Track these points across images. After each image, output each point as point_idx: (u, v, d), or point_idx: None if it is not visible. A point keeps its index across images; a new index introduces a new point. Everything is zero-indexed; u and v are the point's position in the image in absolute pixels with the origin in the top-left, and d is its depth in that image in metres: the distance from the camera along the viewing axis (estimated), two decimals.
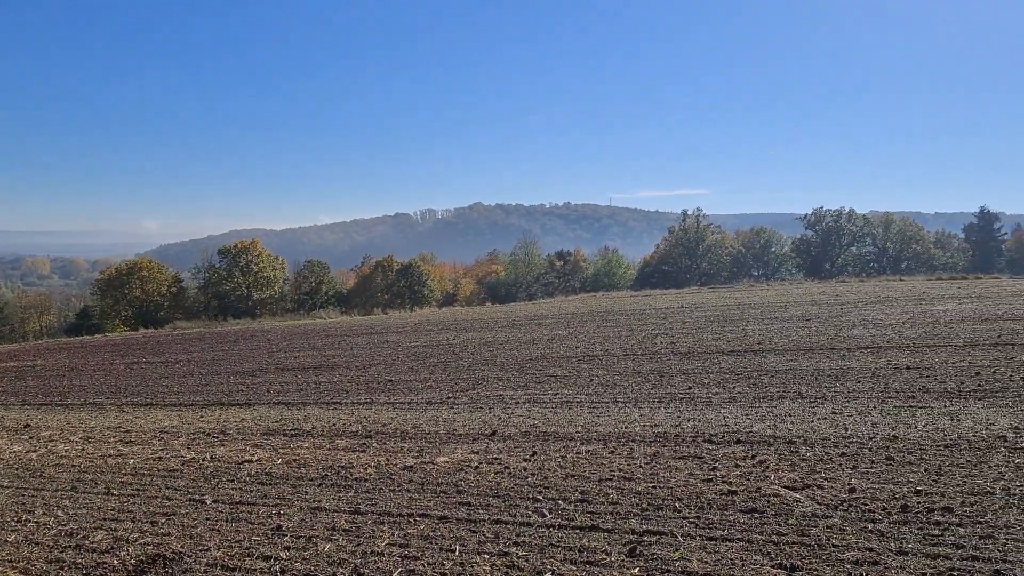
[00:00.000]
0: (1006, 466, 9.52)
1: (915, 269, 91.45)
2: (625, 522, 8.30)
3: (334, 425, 15.67)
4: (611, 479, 10.02)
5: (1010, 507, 8.03)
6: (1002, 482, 8.87)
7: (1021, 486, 8.68)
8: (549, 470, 10.70)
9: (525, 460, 11.40)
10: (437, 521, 8.75)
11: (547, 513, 8.77)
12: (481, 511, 9.03)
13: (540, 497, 9.42)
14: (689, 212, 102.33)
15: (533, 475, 10.49)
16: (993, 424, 11.82)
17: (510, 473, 10.70)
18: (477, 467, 11.15)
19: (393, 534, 8.36)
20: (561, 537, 7.95)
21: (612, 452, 11.56)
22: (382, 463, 11.82)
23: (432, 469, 11.23)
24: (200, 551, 8.21)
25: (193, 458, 13.16)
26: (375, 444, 13.45)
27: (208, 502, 10.23)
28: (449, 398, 18.42)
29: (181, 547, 8.37)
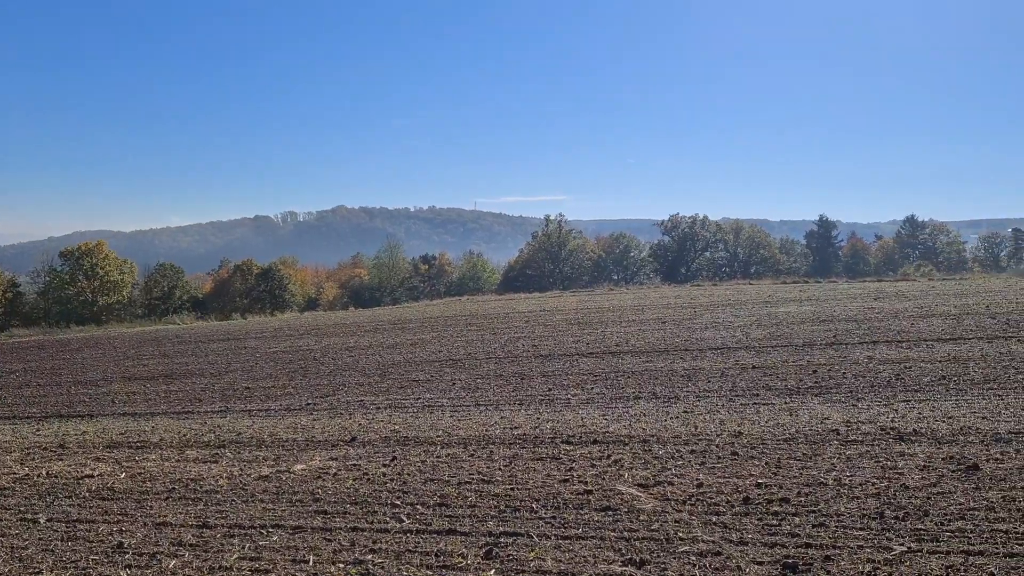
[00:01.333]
0: (838, 458, 10.17)
1: (763, 273, 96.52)
2: (483, 524, 8.34)
3: (185, 435, 15.01)
4: (470, 482, 10.05)
5: (841, 496, 8.57)
6: (834, 473, 9.47)
7: (851, 476, 9.29)
8: (409, 475, 10.63)
9: (384, 465, 11.28)
10: (291, 531, 8.51)
11: (405, 518, 8.70)
12: (338, 519, 8.86)
13: (399, 502, 9.34)
14: (552, 217, 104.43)
15: (392, 480, 10.39)
16: (827, 418, 12.61)
17: (369, 479, 10.55)
18: (335, 474, 10.94)
19: (244, 547, 8.08)
20: (418, 542, 7.91)
21: (472, 455, 11.60)
22: (235, 473, 11.41)
23: (288, 478, 10.93)
24: (30, 575, 7.67)
25: (27, 474, 12.28)
26: (229, 454, 12.97)
27: (42, 521, 9.58)
28: (308, 404, 18.00)
29: (8, 571, 7.79)
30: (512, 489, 9.60)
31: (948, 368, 16.82)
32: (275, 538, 8.31)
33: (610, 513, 8.46)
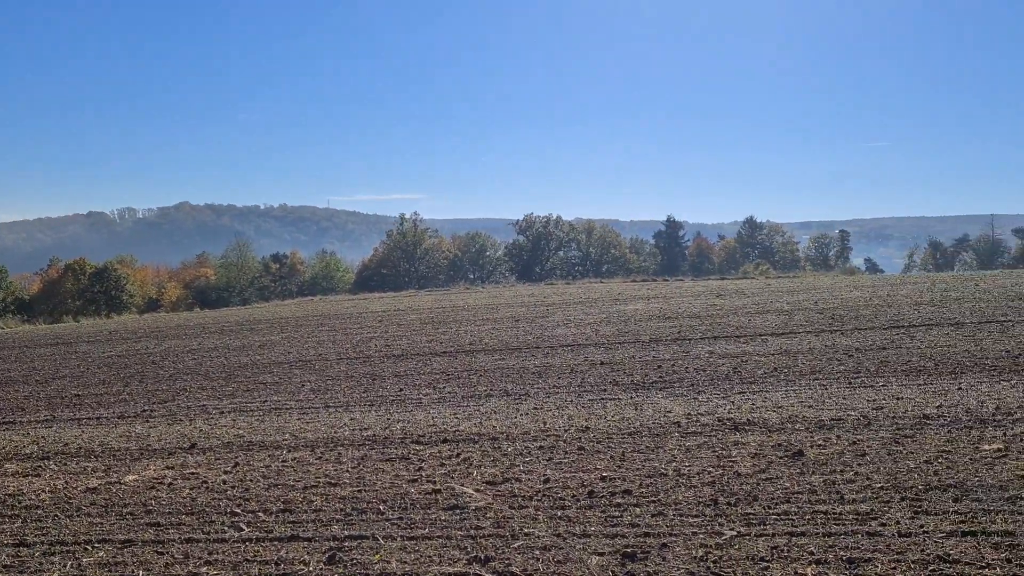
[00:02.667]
0: (678, 449, 10.57)
1: (614, 272, 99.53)
2: (327, 529, 8.13)
3: (3, 448, 13.87)
4: (316, 486, 9.79)
5: (679, 486, 8.90)
6: (674, 464, 9.83)
7: (690, 466, 9.67)
8: (251, 481, 10.24)
9: (226, 472, 10.81)
10: (119, 546, 8.00)
11: (245, 527, 8.36)
12: (172, 530, 8.40)
13: (239, 510, 8.96)
14: (407, 216, 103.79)
15: (233, 488, 9.97)
16: (670, 412, 13.09)
17: (208, 487, 10.09)
18: (171, 483, 10.39)
19: (65, 565, 7.52)
20: (258, 551, 7.61)
21: (319, 458, 11.31)
22: (59, 487, 10.64)
23: (119, 489, 10.29)
24: None
25: None
26: (53, 466, 12.08)
27: None
28: (145, 411, 17.04)
29: None
30: (359, 491, 9.41)
31: (780, 361, 17.84)
32: (101, 554, 7.78)
33: (457, 512, 8.44)
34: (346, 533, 7.95)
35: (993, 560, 6.38)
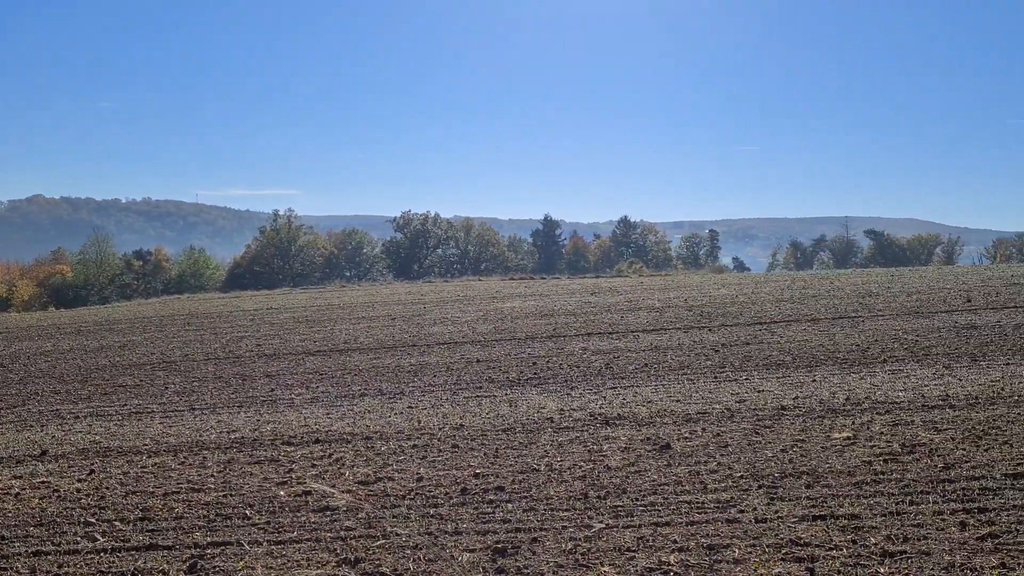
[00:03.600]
0: (551, 445, 10.71)
1: (492, 270, 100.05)
2: (189, 536, 7.80)
3: None
4: (178, 492, 9.39)
5: (551, 481, 9.03)
6: (547, 459, 9.96)
7: (561, 461, 9.82)
8: (108, 489, 9.72)
9: (80, 480, 10.22)
10: None
11: (100, 537, 7.93)
12: (17, 544, 7.87)
13: (94, 520, 8.49)
14: (281, 212, 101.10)
15: (88, 496, 9.44)
16: (543, 408, 13.26)
17: (60, 496, 9.51)
18: (19, 494, 9.74)
19: None
20: (113, 561, 7.23)
21: (183, 463, 10.85)
22: None
23: None
24: None
25: None
26: None
27: None
28: None
29: None
30: (225, 496, 9.09)
31: (650, 356, 18.37)
32: None
33: (328, 513, 8.28)
34: (209, 540, 7.66)
35: (840, 542, 6.77)
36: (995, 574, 5.98)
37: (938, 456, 9.17)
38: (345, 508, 8.39)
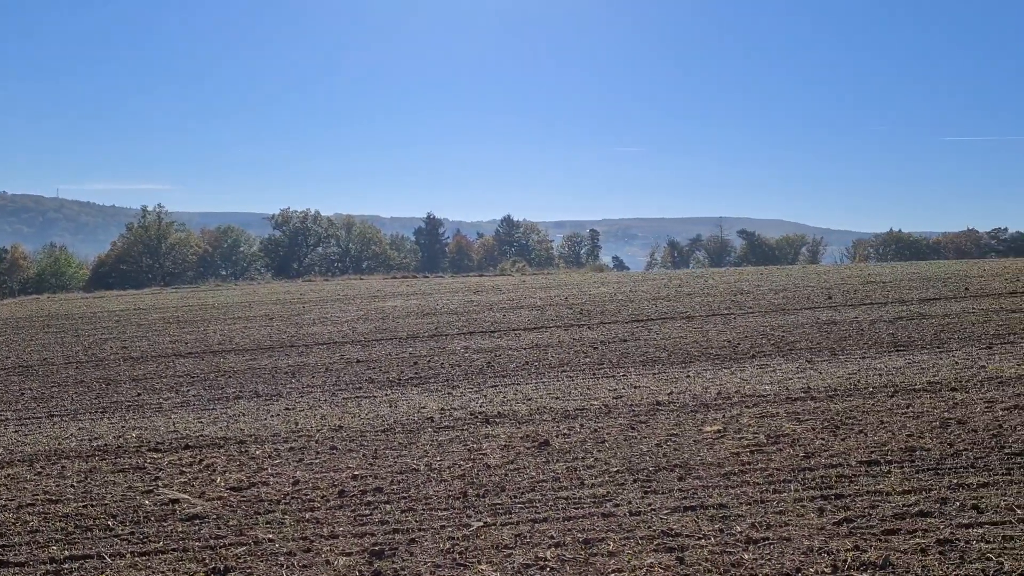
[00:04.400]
0: (431, 444, 10.66)
1: (375, 269, 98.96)
2: (45, 551, 7.34)
3: None
4: (34, 504, 8.83)
5: (431, 480, 8.98)
6: (426, 459, 9.90)
7: (441, 460, 9.78)
8: None
9: None
10: None
11: None
12: None
13: None
14: (150, 208, 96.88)
15: None
16: (424, 407, 13.18)
17: None
18: None
19: None
20: None
21: (39, 474, 10.21)
22: None
23: None
24: None
25: None
26: None
27: None
28: None
29: None
30: (85, 507, 8.61)
31: (531, 354, 18.56)
32: None
33: (197, 522, 7.96)
34: (67, 554, 7.23)
35: (708, 531, 7.00)
36: (849, 556, 6.31)
37: (800, 446, 9.62)
38: (216, 516, 8.09)
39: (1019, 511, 7.11)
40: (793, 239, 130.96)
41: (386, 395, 14.65)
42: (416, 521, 7.63)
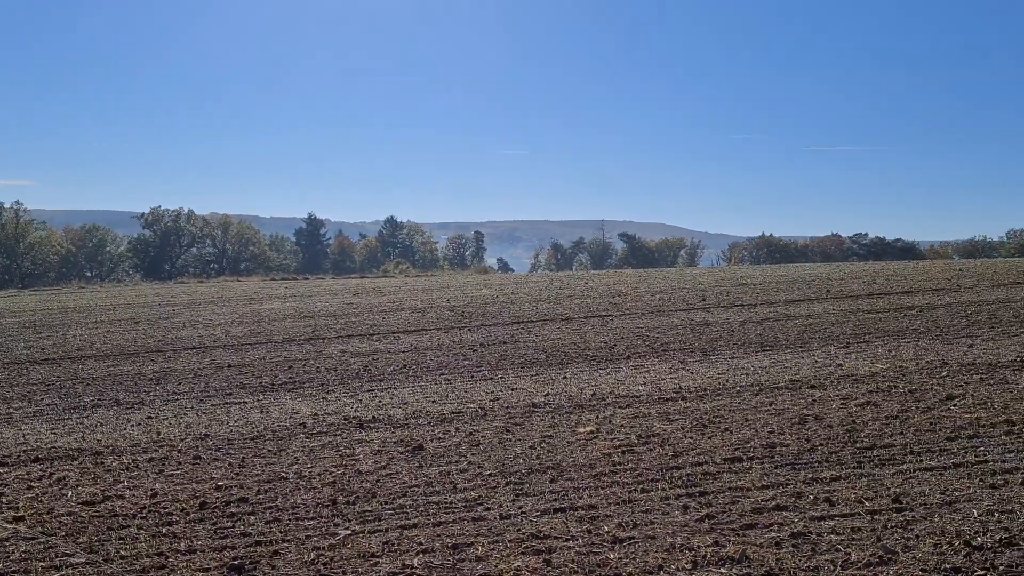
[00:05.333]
0: (302, 451, 10.36)
1: (253, 270, 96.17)
2: None
3: None
4: None
5: (299, 489, 8.72)
6: (296, 466, 9.61)
7: (311, 468, 9.52)
8: None
9: None
10: None
11: None
12: None
13: None
14: (7, 206, 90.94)
15: None
16: (297, 413, 12.82)
17: None
18: None
19: None
20: None
21: None
22: None
23: None
24: None
25: None
26: None
27: None
28: None
29: None
30: None
31: (409, 358, 18.37)
32: None
33: (41, 540, 7.44)
34: None
35: (577, 532, 7.06)
36: (709, 552, 6.49)
37: (669, 445, 9.86)
38: (64, 533, 7.60)
39: (867, 503, 7.49)
40: (672, 242, 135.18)
41: (258, 401, 14.17)
42: (281, 532, 7.38)
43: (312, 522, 7.64)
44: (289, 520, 7.72)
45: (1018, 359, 14.77)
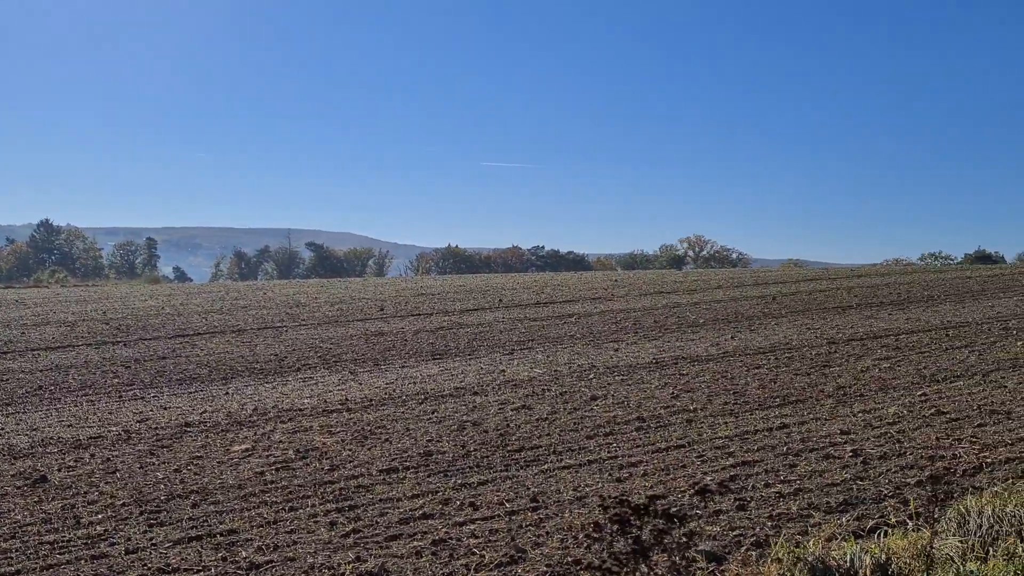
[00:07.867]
0: None
1: None
2: None
3: None
4: None
5: None
6: None
7: None
8: None
9: None
10: None
11: None
12: None
13: None
14: None
15: None
16: None
17: None
18: None
19: None
20: None
21: None
22: None
23: None
24: None
25: None
26: None
27: None
28: None
29: None
30: None
31: (48, 377, 16.33)
32: None
33: None
34: None
35: (210, 562, 6.57)
36: (349, 568, 6.34)
37: (327, 459, 9.62)
38: None
39: (507, 504, 7.80)
40: (361, 252, 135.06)
41: None
42: None
43: None
44: None
45: (654, 361, 16.47)
